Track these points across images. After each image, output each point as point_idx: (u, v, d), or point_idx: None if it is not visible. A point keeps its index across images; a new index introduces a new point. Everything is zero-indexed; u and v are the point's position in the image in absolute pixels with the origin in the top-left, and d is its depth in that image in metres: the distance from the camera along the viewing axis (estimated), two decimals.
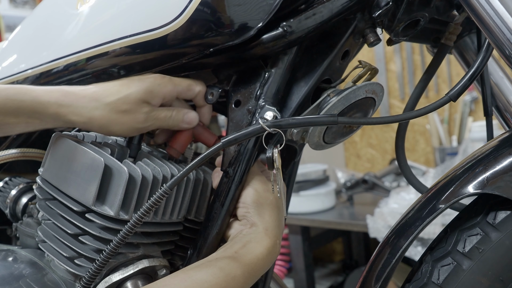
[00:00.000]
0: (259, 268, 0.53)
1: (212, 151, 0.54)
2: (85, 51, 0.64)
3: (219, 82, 0.62)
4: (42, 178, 0.60)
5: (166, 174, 0.58)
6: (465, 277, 0.50)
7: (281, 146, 0.54)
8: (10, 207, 0.73)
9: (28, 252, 0.64)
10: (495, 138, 0.55)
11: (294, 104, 0.59)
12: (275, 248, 0.55)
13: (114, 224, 0.55)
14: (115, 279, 0.56)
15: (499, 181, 0.49)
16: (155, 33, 0.58)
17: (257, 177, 0.59)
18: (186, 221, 0.64)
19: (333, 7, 0.55)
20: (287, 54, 0.57)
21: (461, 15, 0.65)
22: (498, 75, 0.71)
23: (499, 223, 0.50)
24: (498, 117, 0.71)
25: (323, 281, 2.35)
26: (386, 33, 0.62)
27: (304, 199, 1.93)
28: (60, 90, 0.57)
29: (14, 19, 2.80)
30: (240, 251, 0.52)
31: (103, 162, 0.54)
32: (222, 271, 0.49)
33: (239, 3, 0.53)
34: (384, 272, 0.53)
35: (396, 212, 1.66)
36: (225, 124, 0.63)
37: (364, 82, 0.58)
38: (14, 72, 0.75)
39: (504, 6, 0.49)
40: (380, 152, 2.51)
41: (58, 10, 0.73)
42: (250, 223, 0.56)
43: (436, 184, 0.55)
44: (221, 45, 0.56)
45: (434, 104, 0.56)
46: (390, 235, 0.55)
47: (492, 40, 0.51)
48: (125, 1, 0.61)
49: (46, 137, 0.61)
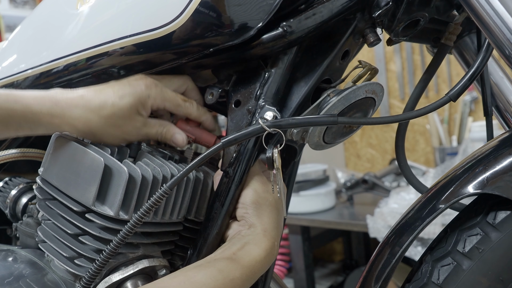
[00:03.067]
0: (257, 270, 0.53)
1: (212, 151, 0.54)
2: (85, 51, 0.64)
3: (219, 82, 0.62)
4: (42, 178, 0.60)
5: (166, 174, 0.58)
6: (465, 277, 0.50)
7: (281, 146, 0.54)
8: (10, 207, 0.73)
9: (28, 252, 0.64)
10: (495, 138, 0.55)
11: (294, 104, 0.58)
12: (273, 249, 0.55)
13: (114, 224, 0.55)
14: (115, 279, 0.56)
15: (499, 181, 0.49)
16: (155, 33, 0.58)
17: (257, 178, 0.58)
18: (186, 221, 0.64)
19: (333, 7, 0.55)
20: (287, 54, 0.57)
21: (461, 15, 0.65)
22: (498, 75, 0.71)
23: (499, 223, 0.50)
24: (498, 117, 0.71)
25: (323, 281, 2.35)
26: (386, 33, 0.62)
27: (304, 199, 1.93)
28: (51, 98, 0.55)
29: (14, 19, 2.80)
30: (238, 253, 0.52)
31: (103, 162, 0.54)
32: (221, 273, 0.49)
33: (239, 3, 0.53)
34: (384, 272, 0.53)
35: (396, 212, 1.66)
36: (225, 124, 0.63)
37: (364, 82, 0.58)
38: (14, 72, 0.75)
39: (504, 6, 0.49)
40: (380, 152, 2.51)
41: (58, 10, 0.73)
42: (249, 224, 0.56)
43: (436, 184, 0.55)
44: (221, 45, 0.56)
45: (434, 104, 0.56)
46: (390, 235, 0.55)
47: (492, 40, 0.51)
48: (125, 1, 0.61)
49: (46, 137, 0.61)
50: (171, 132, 0.61)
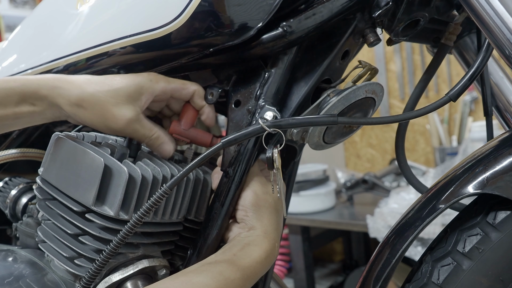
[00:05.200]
0: (257, 271, 0.53)
1: (212, 151, 0.54)
2: (85, 51, 0.64)
3: (219, 82, 0.62)
4: (42, 178, 0.60)
5: (166, 174, 0.58)
6: (465, 277, 0.50)
7: (281, 146, 0.54)
8: (10, 207, 0.73)
9: (28, 252, 0.64)
10: (495, 138, 0.55)
11: (294, 104, 0.58)
12: (273, 251, 0.55)
13: (114, 224, 0.55)
14: (115, 279, 0.56)
15: (499, 181, 0.49)
16: (155, 33, 0.58)
17: (257, 179, 0.58)
18: (186, 221, 0.64)
19: (333, 7, 0.55)
20: (287, 54, 0.57)
21: (461, 15, 0.65)
22: (498, 75, 0.71)
23: (499, 223, 0.50)
24: (498, 117, 0.71)
25: (323, 281, 2.35)
26: (386, 33, 0.62)
27: (304, 199, 1.93)
28: (53, 75, 0.57)
29: (14, 19, 2.80)
30: (238, 254, 0.52)
31: (103, 162, 0.54)
32: (222, 274, 0.49)
33: (239, 3, 0.53)
34: (384, 272, 0.53)
35: (396, 212, 1.66)
36: (225, 124, 0.63)
37: (364, 82, 0.58)
38: (14, 72, 0.75)
39: (504, 6, 0.49)
40: (380, 152, 2.52)
41: (58, 10, 0.73)
42: (249, 227, 0.56)
43: (436, 184, 0.55)
44: (221, 45, 0.56)
45: (434, 104, 0.56)
46: (390, 235, 0.55)
47: (492, 40, 0.51)
48: (125, 1, 0.61)
49: (46, 137, 0.61)
50: (160, 140, 0.59)
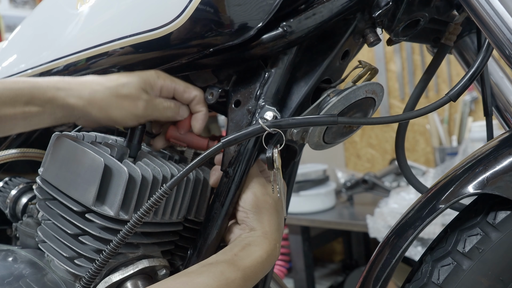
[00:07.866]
0: (258, 271, 0.53)
1: (212, 151, 0.54)
2: (85, 51, 0.64)
3: (219, 82, 0.62)
4: (42, 178, 0.60)
5: (166, 174, 0.58)
6: (465, 277, 0.50)
7: (281, 146, 0.54)
8: (10, 207, 0.73)
9: (28, 252, 0.64)
10: (495, 138, 0.55)
11: (294, 104, 0.58)
12: (274, 251, 0.56)
13: (114, 224, 0.55)
14: (115, 279, 0.56)
15: (499, 181, 0.49)
16: (155, 33, 0.58)
17: (256, 180, 0.58)
18: (186, 221, 0.64)
19: (333, 7, 0.55)
20: (287, 54, 0.57)
21: (461, 15, 0.65)
22: (498, 75, 0.71)
23: (499, 223, 0.50)
24: (498, 117, 0.71)
25: (323, 281, 2.34)
26: (386, 33, 0.62)
27: (304, 199, 1.93)
28: (61, 77, 0.58)
29: (14, 19, 2.80)
30: (239, 254, 0.52)
31: (103, 162, 0.54)
32: (223, 275, 0.49)
33: (239, 3, 0.53)
34: (384, 272, 0.53)
35: (396, 212, 1.66)
36: (225, 124, 0.63)
37: (364, 82, 0.58)
38: (14, 72, 0.75)
39: (504, 6, 0.49)
40: (380, 152, 2.51)
41: (58, 10, 0.73)
42: (250, 228, 0.56)
43: (436, 184, 0.55)
44: (221, 45, 0.56)
45: (434, 104, 0.56)
46: (390, 235, 0.55)
47: (492, 40, 0.51)
48: (125, 1, 0.61)
49: (46, 137, 0.61)
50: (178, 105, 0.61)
